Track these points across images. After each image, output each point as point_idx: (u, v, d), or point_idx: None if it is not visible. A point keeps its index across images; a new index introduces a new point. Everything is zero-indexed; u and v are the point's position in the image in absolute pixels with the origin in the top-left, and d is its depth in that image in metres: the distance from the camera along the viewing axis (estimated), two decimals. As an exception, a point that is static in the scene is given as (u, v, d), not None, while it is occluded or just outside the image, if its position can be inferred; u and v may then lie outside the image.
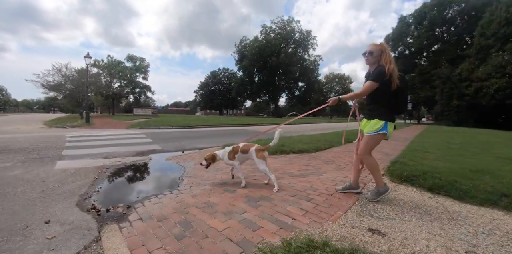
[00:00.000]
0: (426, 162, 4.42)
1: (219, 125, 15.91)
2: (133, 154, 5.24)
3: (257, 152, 2.82)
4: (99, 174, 3.54)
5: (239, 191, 2.75)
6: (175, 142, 7.40)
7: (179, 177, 3.48)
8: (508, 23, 20.93)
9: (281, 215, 2.07)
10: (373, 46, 2.27)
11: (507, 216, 2.23)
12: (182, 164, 4.32)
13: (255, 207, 2.26)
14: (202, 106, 65.45)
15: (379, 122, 2.25)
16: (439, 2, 31.68)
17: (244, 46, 45.70)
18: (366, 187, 2.94)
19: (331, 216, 2.08)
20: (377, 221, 2.00)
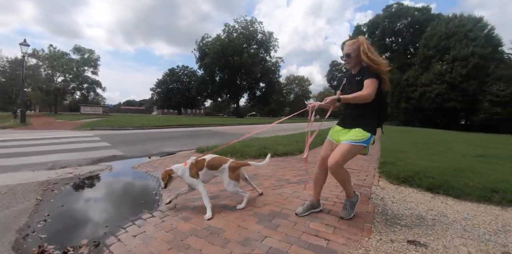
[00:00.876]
0: (411, 161, 4.62)
1: (181, 125, 14.85)
2: (88, 162, 4.26)
3: (231, 170, 2.21)
4: (43, 194, 2.63)
5: (241, 209, 2.25)
6: (138, 145, 6.43)
7: (155, 192, 2.82)
8: (447, 37, 24.24)
9: (310, 237, 1.76)
10: (348, 47, 1.92)
11: (504, 211, 2.42)
12: (153, 174, 3.60)
13: (274, 229, 1.87)
14: (159, 105, 61.42)
15: (365, 134, 1.87)
16: (390, 14, 35.20)
17: (206, 43, 44.21)
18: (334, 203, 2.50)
19: (362, 230, 1.88)
20: (408, 230, 1.91)
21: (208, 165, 2.24)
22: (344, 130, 2.01)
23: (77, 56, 31.05)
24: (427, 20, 32.07)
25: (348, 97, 1.81)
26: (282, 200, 2.53)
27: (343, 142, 1.91)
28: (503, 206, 2.53)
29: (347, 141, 1.89)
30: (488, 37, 23.13)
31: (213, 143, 7.45)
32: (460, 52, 22.84)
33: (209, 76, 44.85)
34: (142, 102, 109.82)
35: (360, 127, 1.89)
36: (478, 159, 5.63)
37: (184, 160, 4.32)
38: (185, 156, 4.97)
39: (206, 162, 2.25)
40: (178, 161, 4.46)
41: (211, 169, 2.25)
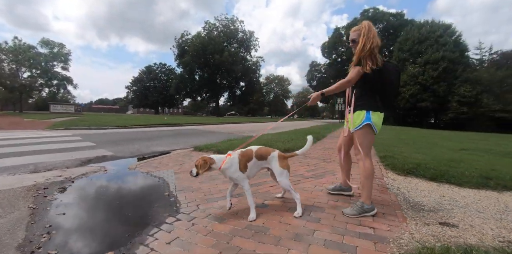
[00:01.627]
0: (406, 155, 4.81)
1: (162, 125, 14.19)
2: (77, 163, 3.81)
3: (280, 159, 2.03)
4: (35, 201, 2.23)
5: (272, 203, 2.21)
6: (126, 144, 5.94)
7: (168, 193, 2.54)
8: (420, 42, 25.77)
9: (356, 226, 1.77)
10: (353, 33, 2.05)
11: (501, 195, 2.73)
12: (155, 174, 3.29)
13: (317, 222, 1.84)
14: (135, 104, 58.66)
15: (361, 113, 1.97)
16: (367, 18, 36.39)
17: (186, 41, 43.03)
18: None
19: (396, 216, 1.97)
20: (434, 214, 2.05)
21: (257, 155, 2.04)
22: (352, 115, 2.08)
23: (46, 50, 28.48)
24: (401, 25, 34.03)
25: (331, 88, 2.02)
26: (308, 194, 2.52)
27: (352, 131, 2.07)
28: (499, 191, 2.87)
29: (353, 129, 2.03)
30: (456, 42, 24.99)
31: (205, 141, 7.20)
32: (431, 56, 24.40)
33: (189, 75, 43.71)
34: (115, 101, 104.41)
35: (359, 108, 2.01)
36: (462, 152, 6.12)
37: (184, 158, 4.07)
38: (184, 154, 4.66)
39: (254, 152, 2.05)
40: (178, 160, 4.18)
41: (260, 159, 2.05)
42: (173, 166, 3.74)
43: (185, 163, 3.99)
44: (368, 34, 1.89)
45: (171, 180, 3.02)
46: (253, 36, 47.54)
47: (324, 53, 44.85)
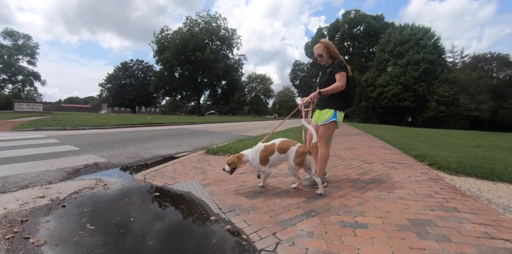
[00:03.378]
0: (432, 153, 4.58)
1: (147, 124, 12.94)
2: (62, 176, 2.83)
3: (297, 155, 2.20)
4: (10, 249, 1.35)
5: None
6: (117, 148, 4.93)
7: (216, 218, 1.78)
8: (401, 44, 26.63)
9: (491, 241, 1.54)
10: (318, 49, 2.45)
11: None
12: (177, 187, 2.48)
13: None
14: (110, 103, 54.88)
15: (329, 111, 2.42)
16: (349, 20, 37.45)
17: (166, 36, 40.91)
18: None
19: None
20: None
21: (279, 149, 2.26)
22: (320, 111, 2.55)
23: (9, 42, 25.24)
24: (381, 27, 35.25)
25: (327, 90, 2.35)
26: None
27: (319, 125, 2.50)
28: None
29: (320, 123, 2.47)
30: (435, 45, 26.11)
31: (207, 142, 6.49)
32: (412, 57, 25.27)
33: (168, 72, 41.62)
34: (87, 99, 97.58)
35: (328, 107, 2.45)
36: (479, 149, 6.00)
37: (202, 164, 3.38)
38: (198, 159, 3.84)
39: (277, 146, 2.27)
40: (196, 166, 3.39)
41: (281, 153, 2.26)
42: (194, 175, 2.93)
43: (206, 170, 3.19)
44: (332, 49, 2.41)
45: (204, 196, 2.24)
46: (236, 34, 46.56)
47: (307, 53, 45.22)
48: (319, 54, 2.45)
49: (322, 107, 2.50)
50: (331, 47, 2.39)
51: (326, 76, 2.44)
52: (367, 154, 4.72)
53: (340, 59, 2.36)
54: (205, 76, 44.06)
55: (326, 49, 2.40)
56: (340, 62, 2.32)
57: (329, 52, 2.40)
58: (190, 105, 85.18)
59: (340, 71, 2.30)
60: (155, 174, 2.96)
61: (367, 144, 6.41)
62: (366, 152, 4.91)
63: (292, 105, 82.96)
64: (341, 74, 2.30)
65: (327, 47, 2.39)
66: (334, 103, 2.41)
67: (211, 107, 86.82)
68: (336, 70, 2.32)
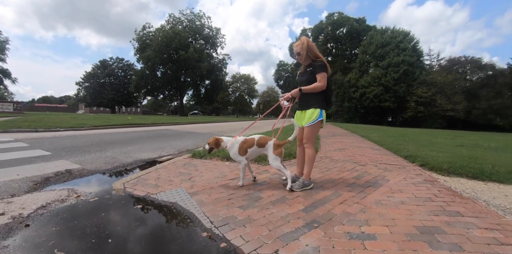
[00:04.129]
0: (425, 153, 4.61)
1: (128, 125, 12.34)
2: (28, 187, 2.47)
3: (275, 147, 2.44)
4: None
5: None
6: (94, 152, 4.53)
7: (208, 234, 1.57)
8: (383, 46, 27.48)
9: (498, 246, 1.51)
10: (297, 47, 2.45)
11: None
12: (161, 197, 2.23)
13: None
14: (88, 102, 52.19)
15: (316, 111, 2.41)
16: (332, 22, 38.16)
17: (147, 34, 39.59)
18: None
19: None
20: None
21: (258, 143, 2.46)
22: (302, 112, 2.53)
23: None
24: (363, 30, 36.38)
25: (308, 88, 2.39)
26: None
27: (305, 126, 2.46)
28: None
29: (306, 124, 2.44)
30: (414, 48, 27.22)
31: (192, 144, 6.20)
32: (393, 60, 26.15)
33: (150, 71, 40.26)
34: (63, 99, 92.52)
35: (312, 107, 2.43)
36: (462, 148, 6.17)
37: (188, 169, 3.17)
38: (184, 164, 3.57)
39: (256, 141, 2.46)
40: (181, 172, 3.13)
41: (260, 147, 2.47)
42: (180, 183, 2.68)
43: (193, 176, 2.95)
44: (312, 49, 2.41)
45: (193, 207, 2.01)
46: (220, 33, 45.97)
47: (291, 54, 45.56)
48: (298, 53, 2.47)
49: (305, 108, 2.49)
50: (311, 47, 2.41)
51: (307, 75, 2.47)
52: (358, 155, 4.66)
53: (321, 59, 2.38)
54: (189, 75, 43.08)
55: (305, 49, 2.41)
56: (321, 63, 2.36)
57: (308, 52, 2.41)
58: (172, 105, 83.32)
59: (321, 72, 2.35)
60: (136, 181, 2.67)
61: (356, 144, 6.41)
62: (357, 153, 4.86)
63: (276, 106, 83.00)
64: (322, 75, 2.35)
65: (307, 47, 2.41)
66: (319, 103, 2.43)
67: (194, 107, 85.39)
68: (317, 70, 2.36)
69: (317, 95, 2.43)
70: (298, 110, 2.60)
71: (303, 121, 2.51)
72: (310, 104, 2.44)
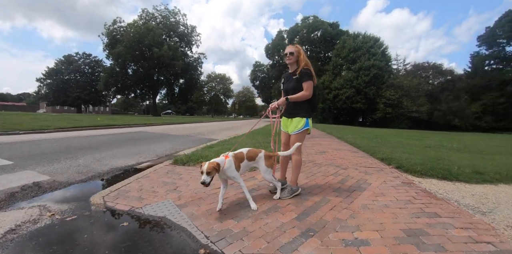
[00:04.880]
0: (395, 155, 4.89)
1: (98, 127, 11.58)
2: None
3: (266, 158, 2.38)
4: None
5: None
6: (62, 160, 4.15)
7: (206, 250, 1.51)
8: (354, 50, 28.83)
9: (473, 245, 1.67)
10: (292, 48, 2.49)
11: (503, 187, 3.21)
12: (148, 211, 2.11)
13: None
14: (51, 101, 47.90)
15: (302, 120, 2.45)
16: (307, 25, 39.17)
17: (118, 29, 37.44)
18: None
19: (482, 224, 2.06)
20: (500, 215, 2.27)
21: (248, 157, 2.33)
22: (288, 119, 2.56)
23: None
24: (337, 34, 37.98)
25: (294, 97, 2.41)
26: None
27: (292, 134, 2.50)
28: (495, 183, 3.31)
29: (293, 132, 2.48)
30: (383, 53, 29.01)
31: (170, 148, 5.96)
32: (364, 64, 27.61)
33: (121, 68, 38.12)
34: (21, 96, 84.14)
35: (298, 116, 2.47)
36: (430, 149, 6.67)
37: (172, 178, 3.11)
38: (167, 171, 3.42)
39: (245, 154, 2.33)
40: (165, 181, 3.01)
41: (250, 160, 2.35)
42: (166, 194, 2.56)
43: (179, 185, 2.83)
44: (305, 56, 2.49)
45: (184, 221, 1.93)
46: (195, 31, 44.97)
47: (267, 55, 46.06)
48: (291, 52, 2.48)
49: (291, 116, 2.53)
50: (304, 55, 2.51)
51: (293, 82, 2.49)
52: (338, 158, 4.82)
53: (310, 69, 2.43)
54: (162, 74, 41.53)
55: (300, 53, 2.49)
56: (309, 71, 2.41)
57: (299, 55, 2.48)
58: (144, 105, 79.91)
59: (308, 81, 2.39)
60: (117, 194, 2.49)
61: (334, 146, 6.63)
62: (337, 156, 5.02)
63: (251, 106, 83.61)
64: (308, 84, 2.39)
65: (301, 52, 2.50)
66: (305, 112, 2.47)
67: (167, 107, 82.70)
68: (304, 79, 2.40)
69: (304, 104, 2.46)
70: (285, 117, 2.63)
71: (289, 128, 2.55)
72: (297, 113, 2.47)
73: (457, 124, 27.87)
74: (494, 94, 29.70)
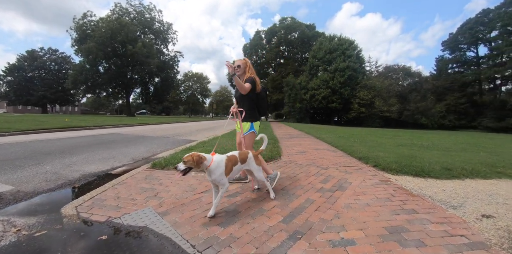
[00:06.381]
0: (376, 154, 5.15)
1: (65, 129, 10.82)
2: None
3: (255, 158, 2.47)
4: None
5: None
6: (27, 166, 3.79)
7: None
8: (330, 52, 29.73)
9: (449, 238, 1.79)
10: (240, 61, 2.86)
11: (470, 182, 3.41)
12: (128, 222, 1.99)
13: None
14: (12, 100, 43.73)
15: (247, 124, 2.84)
16: (285, 26, 39.81)
17: (89, 23, 35.20)
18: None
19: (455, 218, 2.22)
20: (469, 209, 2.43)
21: (241, 159, 2.34)
22: (242, 123, 2.86)
23: None
24: (313, 36, 39.04)
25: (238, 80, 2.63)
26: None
27: (243, 135, 2.83)
28: (462, 179, 3.55)
29: (244, 133, 2.83)
30: (357, 55, 30.27)
31: (145, 150, 5.82)
32: (339, 65, 28.58)
33: (91, 65, 35.88)
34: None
35: (245, 120, 2.84)
36: (403, 147, 7.00)
37: (150, 184, 3.06)
38: (145, 177, 3.27)
39: (238, 157, 2.32)
40: (143, 187, 2.88)
41: (242, 163, 2.36)
42: (146, 201, 2.43)
43: (159, 191, 2.71)
44: (251, 67, 2.87)
45: (167, 230, 1.84)
46: (171, 29, 43.69)
47: (245, 54, 46.00)
48: (238, 65, 2.84)
49: (242, 120, 2.86)
50: (251, 67, 2.88)
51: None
52: (318, 158, 4.92)
53: (253, 77, 2.80)
54: (136, 72, 39.77)
55: (246, 65, 2.86)
56: (252, 79, 2.77)
57: (246, 68, 2.85)
58: (116, 104, 76.17)
59: (248, 82, 2.76)
60: (91, 204, 2.31)
61: (313, 146, 6.77)
62: (317, 156, 5.13)
63: (229, 105, 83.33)
64: (248, 84, 2.74)
65: (248, 65, 2.87)
66: (250, 117, 2.84)
67: (142, 107, 79.63)
68: (247, 82, 2.76)
69: (250, 111, 2.85)
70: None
71: (241, 130, 2.90)
72: (245, 118, 2.84)
73: (424, 122, 29.88)
74: (456, 95, 32.30)
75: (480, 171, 3.89)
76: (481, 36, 33.62)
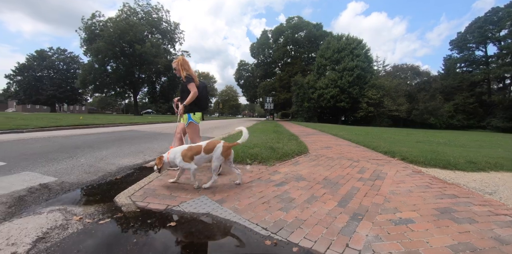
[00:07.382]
0: (399, 149, 5.19)
1: (81, 126, 10.94)
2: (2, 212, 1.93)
3: (224, 148, 2.50)
4: None
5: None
6: (61, 159, 3.87)
7: (273, 242, 1.52)
8: (339, 51, 29.57)
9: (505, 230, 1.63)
10: (174, 64, 3.13)
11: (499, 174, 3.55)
12: (186, 208, 2.06)
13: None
14: (21, 99, 44.42)
15: (185, 116, 3.11)
16: (292, 25, 39.73)
17: (97, 23, 35.59)
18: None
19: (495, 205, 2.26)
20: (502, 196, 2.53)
21: (205, 150, 2.48)
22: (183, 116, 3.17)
23: None
24: (321, 35, 38.88)
25: (188, 100, 2.98)
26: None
27: (186, 126, 3.17)
28: (487, 171, 3.65)
29: (185, 125, 3.16)
30: (366, 55, 30.01)
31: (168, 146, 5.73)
32: (348, 64, 28.40)
33: (100, 65, 36.23)
34: (-15, 94, 77.28)
35: (185, 112, 3.11)
36: (422, 144, 7.00)
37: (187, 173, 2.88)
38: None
39: (203, 148, 2.48)
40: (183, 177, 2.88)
41: (208, 153, 2.48)
42: (197, 190, 2.47)
43: (206, 181, 2.75)
44: (184, 65, 3.04)
45: (231, 216, 1.90)
46: (178, 28, 43.81)
47: (252, 54, 46.02)
48: (174, 68, 3.13)
49: (184, 112, 3.15)
50: (184, 64, 3.04)
51: (181, 86, 3.17)
52: (346, 152, 4.96)
53: (190, 73, 3.00)
54: (144, 71, 40.08)
55: (179, 65, 3.03)
56: (189, 75, 2.97)
57: (181, 67, 3.02)
58: (123, 104, 76.82)
59: (189, 83, 2.96)
60: (143, 193, 2.34)
61: (334, 142, 6.78)
62: (343, 151, 5.16)
63: (234, 105, 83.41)
64: (191, 85, 2.95)
65: (180, 64, 3.03)
66: (188, 109, 3.07)
67: (147, 106, 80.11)
68: (187, 82, 2.97)
69: (189, 105, 3.04)
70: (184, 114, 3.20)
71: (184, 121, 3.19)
72: (185, 110, 3.09)
73: (432, 122, 29.56)
74: (464, 94, 31.89)
75: (504, 164, 3.98)
76: (490, 35, 33.12)
